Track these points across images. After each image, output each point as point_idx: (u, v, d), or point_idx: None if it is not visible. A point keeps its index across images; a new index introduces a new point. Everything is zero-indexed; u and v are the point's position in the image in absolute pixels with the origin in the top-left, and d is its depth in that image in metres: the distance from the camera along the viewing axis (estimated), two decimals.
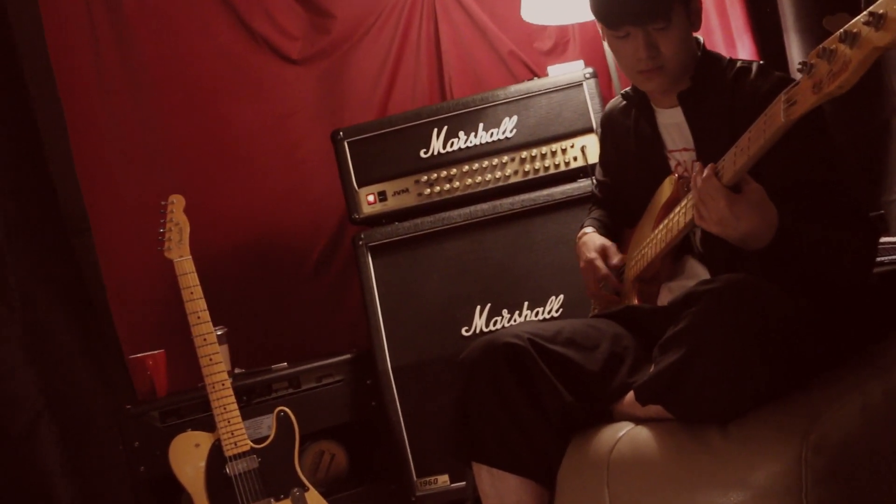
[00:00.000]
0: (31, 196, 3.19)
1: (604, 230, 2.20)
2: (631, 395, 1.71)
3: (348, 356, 2.93)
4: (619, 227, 2.22)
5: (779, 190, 1.62)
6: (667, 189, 1.94)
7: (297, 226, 3.37)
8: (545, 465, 1.75)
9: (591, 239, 2.14)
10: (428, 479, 2.83)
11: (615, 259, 2.08)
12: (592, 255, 2.10)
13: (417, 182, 2.88)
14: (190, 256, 2.49)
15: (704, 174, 1.60)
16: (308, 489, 2.42)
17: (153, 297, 3.18)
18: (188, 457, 2.34)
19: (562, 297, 2.77)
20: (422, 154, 2.88)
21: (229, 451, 2.35)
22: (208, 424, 2.46)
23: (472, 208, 2.83)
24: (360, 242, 2.85)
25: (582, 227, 2.25)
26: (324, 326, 3.33)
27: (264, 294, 3.31)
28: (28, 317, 3.15)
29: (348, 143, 2.91)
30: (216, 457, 2.35)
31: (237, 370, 2.96)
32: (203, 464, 2.34)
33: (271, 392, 2.81)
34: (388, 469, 2.89)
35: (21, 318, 3.14)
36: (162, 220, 2.58)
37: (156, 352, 2.85)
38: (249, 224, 3.34)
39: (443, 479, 2.82)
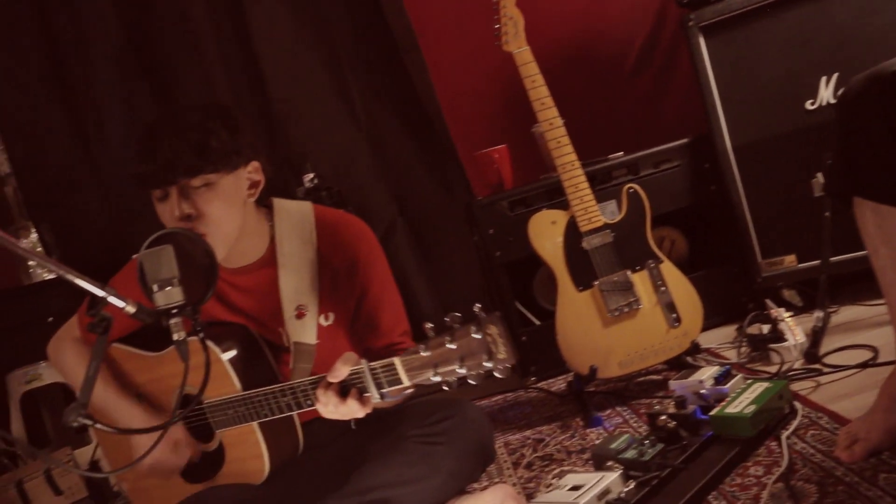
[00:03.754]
0: (362, 21, 3.42)
1: None
2: None
3: (685, 140, 2.90)
4: None
5: None
6: None
7: (618, 16, 3.32)
8: None
9: None
10: (774, 259, 2.78)
11: None
12: None
13: None
14: (528, 47, 2.50)
15: None
16: (662, 261, 2.46)
17: (484, 99, 3.32)
18: (546, 233, 2.44)
19: None
20: None
21: (584, 226, 2.42)
22: None
23: None
24: (691, 23, 2.75)
25: None
26: (654, 114, 3.30)
27: (592, 87, 3.31)
28: (372, 133, 3.44)
29: None
30: (572, 232, 2.43)
31: None
32: (561, 239, 2.43)
33: (611, 179, 2.87)
34: (729, 252, 2.88)
35: (366, 135, 3.44)
36: (496, 17, 2.60)
37: (499, 146, 2.98)
38: (570, 20, 3.33)
39: (790, 260, 2.76)
